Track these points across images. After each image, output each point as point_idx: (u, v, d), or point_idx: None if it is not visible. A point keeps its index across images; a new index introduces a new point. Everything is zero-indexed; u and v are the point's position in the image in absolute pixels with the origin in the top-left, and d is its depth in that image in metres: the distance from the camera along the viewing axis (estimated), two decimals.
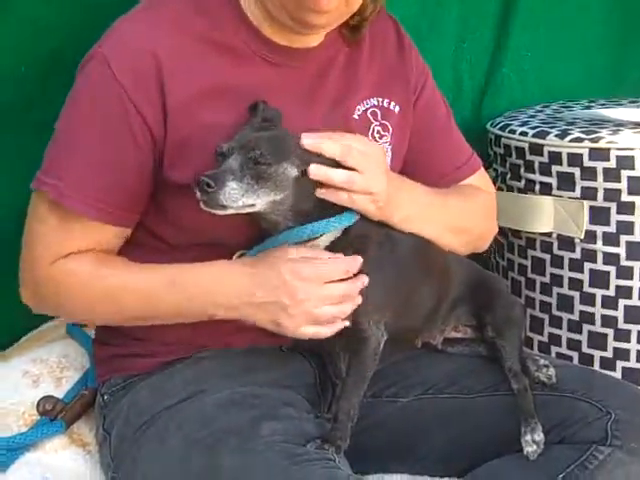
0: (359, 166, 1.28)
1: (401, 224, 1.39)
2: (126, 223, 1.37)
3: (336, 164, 1.27)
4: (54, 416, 1.48)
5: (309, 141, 1.25)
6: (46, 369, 1.59)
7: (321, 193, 1.27)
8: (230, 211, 1.22)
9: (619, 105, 2.12)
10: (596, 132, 1.82)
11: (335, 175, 1.26)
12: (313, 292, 1.26)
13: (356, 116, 1.46)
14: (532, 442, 1.37)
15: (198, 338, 1.42)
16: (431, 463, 1.49)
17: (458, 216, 1.52)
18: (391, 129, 1.48)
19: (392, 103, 1.49)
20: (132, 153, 1.32)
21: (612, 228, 1.80)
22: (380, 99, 1.48)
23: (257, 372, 1.41)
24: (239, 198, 1.21)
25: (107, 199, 1.33)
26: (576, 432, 1.37)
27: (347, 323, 1.30)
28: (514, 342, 1.47)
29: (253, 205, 1.23)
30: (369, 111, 1.47)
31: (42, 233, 1.36)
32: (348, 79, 1.47)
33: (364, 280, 1.29)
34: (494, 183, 2.04)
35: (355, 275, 1.29)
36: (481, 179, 1.63)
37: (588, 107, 2.12)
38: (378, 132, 1.47)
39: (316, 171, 1.25)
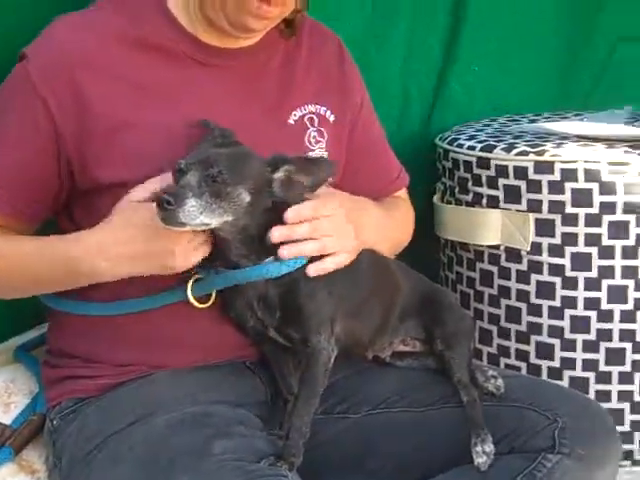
0: (329, 232, 1.33)
1: (359, 246, 1.41)
2: (24, 217, 1.39)
3: (303, 194, 1.30)
4: (2, 443, 1.45)
5: (278, 234, 1.28)
6: None
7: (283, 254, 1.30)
8: (187, 228, 1.22)
9: (564, 119, 2.16)
10: (541, 145, 1.86)
11: (307, 248, 1.31)
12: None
13: (292, 121, 1.47)
14: (482, 453, 1.39)
15: (149, 358, 1.41)
16: (383, 477, 1.49)
17: (396, 229, 1.60)
18: (326, 136, 1.50)
19: (328, 112, 1.51)
20: (32, 145, 1.35)
21: (557, 240, 1.84)
22: (318, 106, 1.50)
23: (208, 391, 1.40)
24: (197, 216, 1.21)
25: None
26: (525, 441, 1.39)
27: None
28: (463, 354, 1.49)
29: (209, 224, 1.24)
30: (306, 117, 1.48)
31: None
32: (284, 83, 1.48)
33: None
34: (442, 197, 2.07)
35: None
36: (404, 189, 1.73)
37: (534, 121, 2.16)
38: (314, 137, 1.49)
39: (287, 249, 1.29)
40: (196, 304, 1.35)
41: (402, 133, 2.24)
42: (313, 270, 1.33)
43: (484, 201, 1.91)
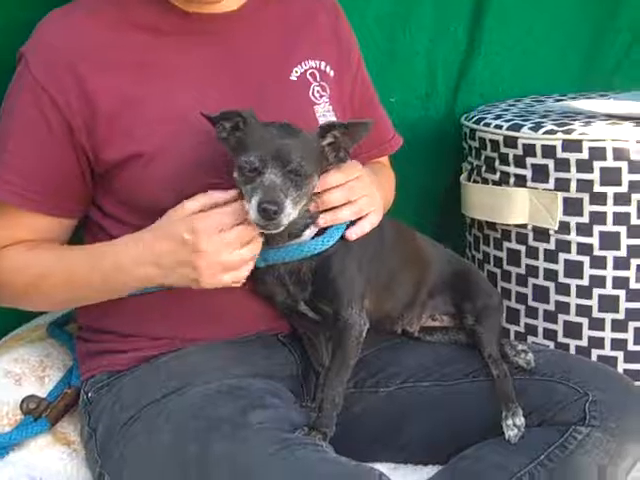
0: (362, 193, 1.36)
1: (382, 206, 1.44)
2: (59, 212, 1.40)
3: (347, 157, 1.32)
4: (38, 415, 1.48)
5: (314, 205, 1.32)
6: (28, 368, 1.58)
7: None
8: (282, 228, 1.23)
9: (589, 99, 2.15)
10: (569, 124, 1.85)
11: (345, 213, 1.35)
12: (214, 242, 1.26)
13: (294, 77, 1.48)
14: (513, 426, 1.40)
15: (182, 332, 1.43)
16: (414, 451, 1.51)
17: (383, 196, 1.57)
18: (329, 91, 1.51)
19: (328, 67, 1.52)
20: (48, 140, 1.36)
21: (585, 219, 1.83)
22: (318, 61, 1.51)
23: (242, 365, 1.42)
24: (292, 214, 1.23)
25: (31, 187, 1.36)
26: (555, 414, 1.40)
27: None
28: (493, 329, 1.51)
29: (295, 217, 1.25)
30: (308, 72, 1.49)
31: None
32: (282, 44, 1.49)
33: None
34: (469, 176, 2.07)
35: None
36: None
37: (559, 101, 2.16)
38: (318, 92, 1.49)
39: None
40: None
41: (428, 113, 2.24)
42: (353, 233, 1.35)
43: (511, 180, 1.91)
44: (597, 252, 1.83)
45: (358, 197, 1.35)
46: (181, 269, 1.28)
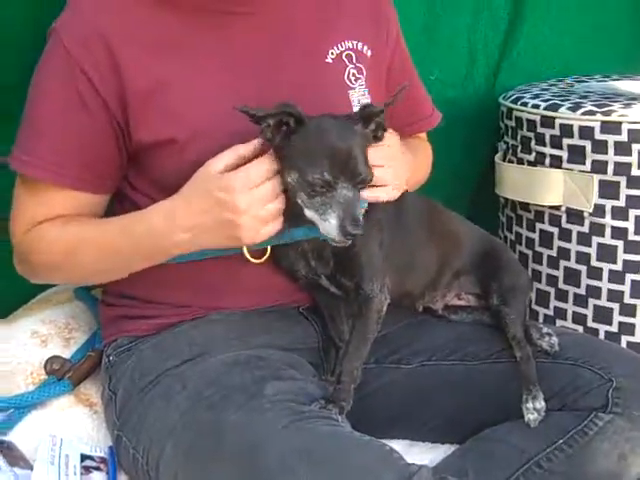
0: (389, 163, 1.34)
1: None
2: (94, 189, 1.39)
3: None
4: (61, 376, 1.50)
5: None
6: (54, 330, 1.61)
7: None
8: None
9: (633, 80, 2.10)
10: (608, 105, 1.81)
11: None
12: (249, 199, 1.24)
13: (329, 59, 1.45)
14: (533, 410, 1.38)
15: (204, 301, 1.43)
16: (432, 429, 1.50)
17: (418, 172, 1.58)
18: (365, 72, 1.48)
19: (365, 47, 1.48)
20: (83, 116, 1.34)
21: (621, 202, 1.79)
22: (355, 42, 1.47)
23: (262, 335, 1.42)
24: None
25: (65, 163, 1.35)
26: (577, 399, 1.37)
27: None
28: (519, 310, 1.48)
29: None
30: (344, 54, 1.46)
31: (18, 205, 1.41)
32: (319, 22, 1.46)
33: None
34: (504, 156, 2.04)
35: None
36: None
37: (602, 82, 2.11)
38: (354, 75, 1.46)
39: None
40: (251, 260, 1.36)
41: (467, 91, 2.22)
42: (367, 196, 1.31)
43: (547, 161, 1.88)
44: (632, 237, 1.80)
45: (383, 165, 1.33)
46: (221, 229, 1.27)
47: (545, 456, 1.34)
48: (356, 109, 1.42)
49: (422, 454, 1.45)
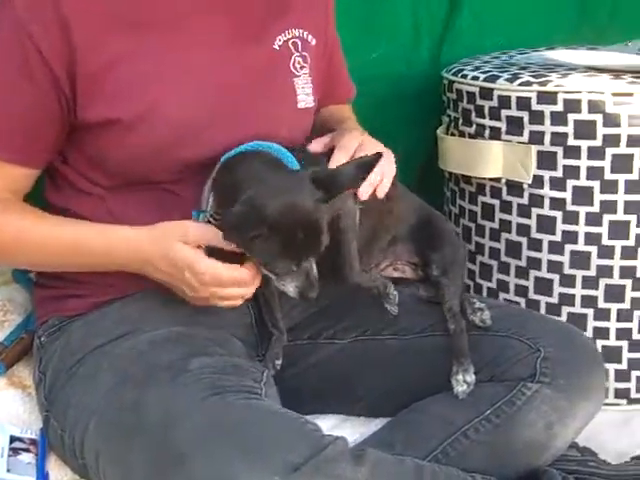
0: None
1: None
2: (35, 164, 1.36)
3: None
4: None
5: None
6: None
7: None
8: None
9: (574, 50, 2.09)
10: (545, 76, 1.80)
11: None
12: (214, 291, 1.29)
13: (276, 46, 1.43)
14: (463, 382, 1.39)
15: (135, 280, 1.41)
16: (367, 404, 1.50)
17: None
18: (309, 61, 1.47)
19: (310, 36, 1.48)
20: (29, 88, 1.30)
21: (559, 173, 1.79)
22: (301, 30, 1.46)
23: (192, 313, 1.40)
24: None
25: (8, 135, 1.32)
26: (506, 370, 1.38)
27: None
28: (457, 283, 1.48)
29: None
30: (290, 41, 1.45)
31: None
32: (268, 7, 1.44)
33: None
34: (447, 129, 2.04)
35: None
36: None
37: (544, 53, 2.10)
38: (299, 62, 1.45)
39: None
40: None
41: (412, 67, 2.20)
42: (364, 193, 1.35)
43: (486, 133, 1.87)
44: (570, 207, 1.80)
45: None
46: (175, 286, 1.31)
47: (472, 426, 1.35)
48: (300, 97, 1.43)
49: (354, 428, 1.46)
